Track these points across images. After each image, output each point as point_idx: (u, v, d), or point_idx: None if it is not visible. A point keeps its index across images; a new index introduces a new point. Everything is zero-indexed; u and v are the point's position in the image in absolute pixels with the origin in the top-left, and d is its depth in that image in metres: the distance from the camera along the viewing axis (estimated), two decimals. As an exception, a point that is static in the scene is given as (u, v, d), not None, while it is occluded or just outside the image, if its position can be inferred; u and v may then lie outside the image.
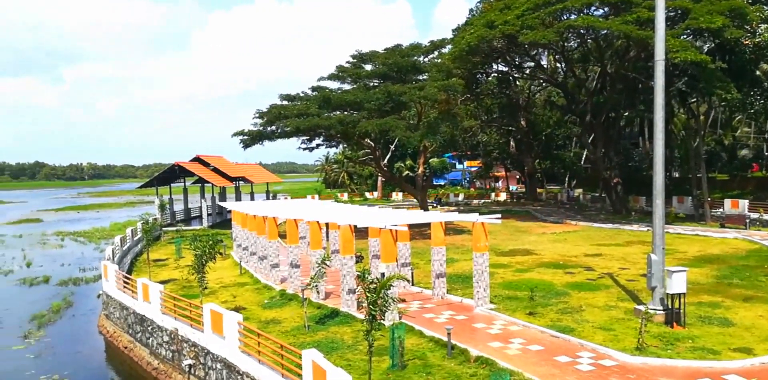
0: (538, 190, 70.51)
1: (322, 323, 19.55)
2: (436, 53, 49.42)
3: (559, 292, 22.62)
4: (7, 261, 45.80)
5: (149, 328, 21.62)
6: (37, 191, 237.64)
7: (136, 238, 41.55)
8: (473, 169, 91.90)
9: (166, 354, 20.36)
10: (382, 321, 15.24)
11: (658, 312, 18.06)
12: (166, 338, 20.29)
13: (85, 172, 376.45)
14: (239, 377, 15.63)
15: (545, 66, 57.93)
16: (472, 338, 17.10)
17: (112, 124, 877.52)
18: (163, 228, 51.35)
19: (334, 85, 49.87)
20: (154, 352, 21.30)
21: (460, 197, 76.62)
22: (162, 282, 26.02)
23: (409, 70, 46.24)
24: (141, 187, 67.25)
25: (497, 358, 14.98)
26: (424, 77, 46.79)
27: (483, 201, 72.09)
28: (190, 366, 18.44)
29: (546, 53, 55.57)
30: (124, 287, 24.40)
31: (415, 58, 47.61)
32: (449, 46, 49.34)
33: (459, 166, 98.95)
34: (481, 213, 21.94)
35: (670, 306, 17.75)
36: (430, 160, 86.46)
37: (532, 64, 54.21)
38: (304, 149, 51.78)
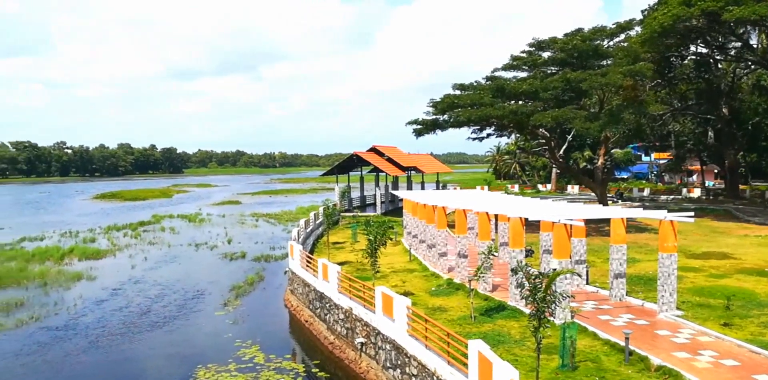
0: (741, 187, 62.15)
1: (489, 315, 19.39)
2: (622, 36, 45.76)
3: (763, 303, 19.87)
4: (213, 238, 52.46)
5: (327, 305, 23.28)
6: (238, 176, 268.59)
7: (317, 222, 44.85)
8: (662, 162, 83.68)
9: (341, 330, 21.77)
10: (551, 318, 14.67)
11: None
12: (341, 316, 21.69)
13: (277, 161, 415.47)
14: (407, 359, 16.16)
15: (755, 46, 50.53)
16: (654, 345, 15.72)
17: (301, 117, 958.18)
18: (342, 214, 54.72)
19: (509, 74, 48.75)
20: (330, 328, 22.91)
21: (645, 192, 70.57)
22: (339, 264, 27.76)
23: (590, 55, 43.42)
24: (323, 174, 72.34)
25: (683, 370, 13.60)
26: (608, 63, 43.62)
27: (672, 197, 65.65)
28: (362, 344, 19.51)
29: (756, 31, 48.44)
30: (307, 266, 26.53)
31: (598, 42, 44.56)
32: (638, 28, 45.34)
33: (645, 158, 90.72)
34: (669, 211, 19.98)
35: None
36: (612, 151, 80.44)
37: (739, 44, 47.64)
38: (475, 139, 51.53)
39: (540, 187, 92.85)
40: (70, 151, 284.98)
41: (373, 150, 63.62)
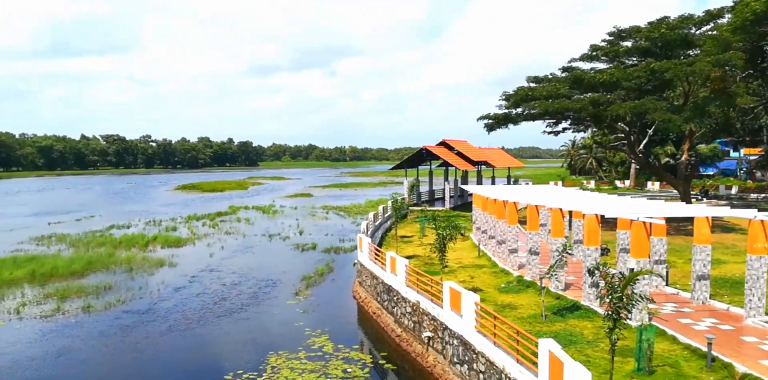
0: None
1: (561, 314, 18.88)
2: (711, 25, 42.99)
3: None
4: (285, 229, 53.97)
5: (394, 298, 23.42)
6: (309, 170, 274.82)
7: (386, 215, 45.17)
8: (752, 158, 78.34)
9: (408, 323, 21.85)
10: (627, 320, 14.09)
11: None
12: (408, 309, 21.76)
13: (347, 154, 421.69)
14: (474, 356, 16.01)
15: None
16: (739, 352, 14.79)
17: (372, 111, 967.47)
18: (410, 208, 54.81)
19: (586, 66, 46.97)
20: (398, 321, 23.04)
21: (733, 190, 66.45)
22: (407, 258, 27.84)
23: (677, 44, 41.09)
24: (392, 168, 72.70)
25: (772, 380, 12.72)
26: (695, 52, 41.15)
27: (763, 195, 61.40)
28: (429, 338, 19.51)
29: None
30: (375, 259, 26.78)
31: (685, 30, 42.08)
32: (729, 16, 42.42)
33: (734, 154, 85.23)
34: (759, 210, 18.68)
35: None
36: (697, 146, 76.16)
37: None
38: (549, 133, 50.10)
39: (618, 183, 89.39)
40: (154, 144, 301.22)
41: (443, 144, 63.25)
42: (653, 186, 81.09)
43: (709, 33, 42.23)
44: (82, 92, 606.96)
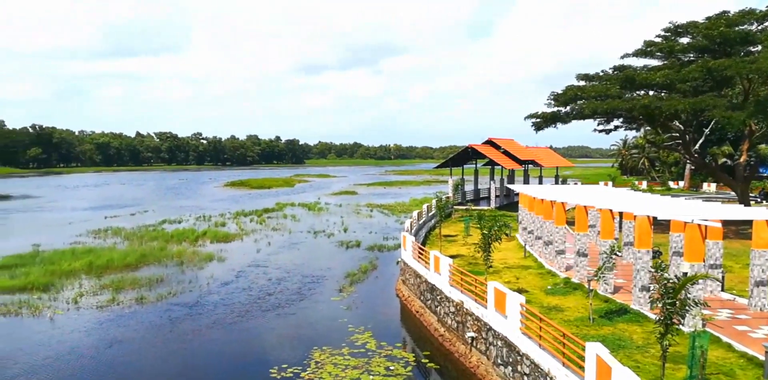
0: None
1: (609, 318, 18.42)
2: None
3: None
4: (330, 226, 54.53)
5: (438, 297, 23.34)
6: (354, 168, 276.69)
7: (430, 214, 45.03)
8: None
9: (451, 323, 21.75)
10: (680, 325, 13.63)
11: None
12: (452, 309, 21.65)
13: (392, 153, 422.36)
14: (519, 358, 15.80)
15: None
16: (802, 363, 14.06)
17: (418, 109, 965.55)
18: (454, 207, 54.49)
19: (639, 62, 45.62)
20: (441, 320, 22.96)
21: (796, 192, 63.10)
22: (451, 257, 27.69)
23: (737, 41, 39.37)
24: (437, 167, 72.39)
25: (837, 394, 12.07)
26: (756, 49, 39.32)
27: (829, 198, 58.17)
28: (472, 338, 19.36)
29: None
30: (419, 257, 26.75)
31: (746, 26, 40.27)
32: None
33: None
34: (827, 214, 17.73)
35: None
36: (757, 146, 72.85)
37: None
38: (600, 131, 48.90)
39: (671, 184, 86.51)
40: (205, 142, 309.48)
41: (489, 142, 62.57)
42: (709, 187, 78.06)
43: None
44: (138, 91, 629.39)
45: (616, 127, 49.16)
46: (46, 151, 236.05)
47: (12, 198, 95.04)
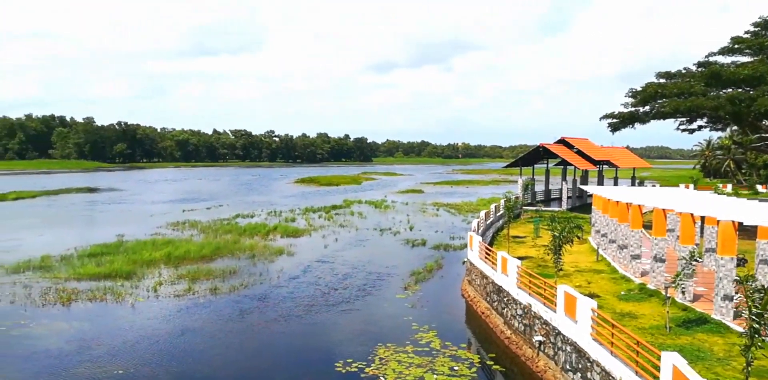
0: None
1: (687, 327, 17.51)
2: None
3: None
4: (396, 224, 54.76)
5: (505, 299, 22.95)
6: (421, 166, 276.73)
7: (498, 214, 44.32)
8: None
9: (518, 326, 21.33)
10: (767, 338, 12.77)
11: None
12: (519, 311, 21.24)
13: (459, 151, 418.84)
14: (588, 364, 15.30)
15: None
16: None
17: (487, 107, 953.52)
18: (524, 207, 53.38)
19: (726, 60, 42.96)
20: (507, 322, 22.57)
21: None
22: (519, 258, 27.16)
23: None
24: (506, 166, 71.14)
25: None
26: None
27: None
28: (540, 342, 18.92)
29: None
30: (486, 258, 26.39)
31: None
32: None
33: None
34: None
35: None
36: None
37: None
38: (683, 131, 46.51)
39: (759, 187, 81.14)
40: (277, 139, 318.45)
41: (562, 142, 60.83)
42: (803, 192, 72.65)
43: None
44: (215, 89, 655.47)
45: (700, 127, 46.64)
46: (130, 146, 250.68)
47: (99, 190, 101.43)
